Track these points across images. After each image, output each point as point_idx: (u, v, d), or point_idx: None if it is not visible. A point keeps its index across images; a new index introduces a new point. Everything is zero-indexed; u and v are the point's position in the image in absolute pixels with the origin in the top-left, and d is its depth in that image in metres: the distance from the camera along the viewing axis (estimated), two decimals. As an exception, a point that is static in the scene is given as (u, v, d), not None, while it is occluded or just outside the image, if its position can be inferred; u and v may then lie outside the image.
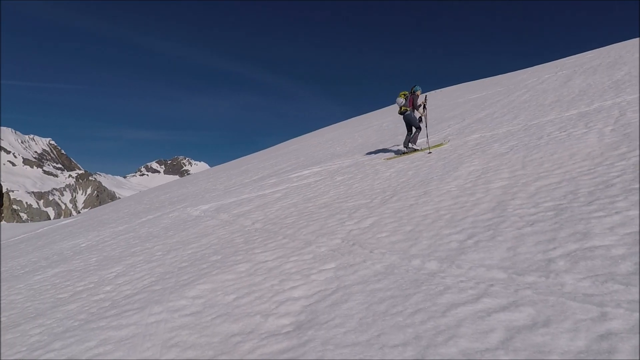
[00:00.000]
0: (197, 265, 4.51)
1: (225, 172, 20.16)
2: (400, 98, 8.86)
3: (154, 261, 5.22)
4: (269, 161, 17.23)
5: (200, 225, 6.71)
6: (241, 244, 4.89)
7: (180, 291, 3.77)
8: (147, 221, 9.29)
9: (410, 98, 8.83)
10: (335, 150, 13.38)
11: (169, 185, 26.95)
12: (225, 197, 9.51)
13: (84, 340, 3.29)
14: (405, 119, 8.91)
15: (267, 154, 24.22)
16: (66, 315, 4.09)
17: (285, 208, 6.23)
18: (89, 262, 6.43)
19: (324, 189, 6.92)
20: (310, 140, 23.70)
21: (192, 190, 15.03)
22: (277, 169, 12.91)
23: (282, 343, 2.56)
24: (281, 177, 10.03)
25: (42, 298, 5.02)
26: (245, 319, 3.00)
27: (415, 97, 8.82)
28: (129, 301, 3.95)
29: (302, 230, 4.78)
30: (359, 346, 2.27)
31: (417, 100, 8.86)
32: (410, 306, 2.55)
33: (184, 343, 2.89)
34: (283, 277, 3.56)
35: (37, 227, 30.34)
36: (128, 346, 3.02)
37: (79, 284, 5.14)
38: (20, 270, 7.68)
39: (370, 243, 3.84)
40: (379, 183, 6.32)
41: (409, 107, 8.81)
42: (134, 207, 15.65)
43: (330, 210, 5.41)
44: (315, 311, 2.84)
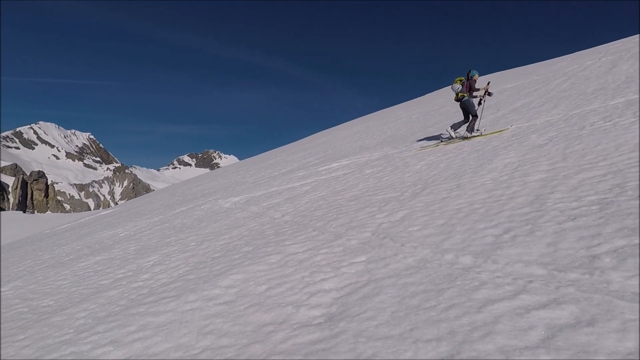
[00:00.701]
0: (229, 255, 4.61)
1: (254, 165, 20.48)
2: (457, 84, 8.52)
3: (188, 251, 5.39)
4: (297, 154, 17.33)
5: (231, 217, 6.86)
6: (271, 235, 4.96)
7: (214, 280, 3.88)
8: (180, 212, 9.60)
9: (467, 84, 8.46)
10: (364, 142, 13.27)
11: (200, 178, 27.72)
12: (254, 189, 9.67)
13: (125, 325, 3.46)
14: (462, 105, 8.57)
15: (295, 147, 24.38)
16: (108, 301, 4.31)
17: (314, 201, 6.26)
18: (128, 251, 6.73)
19: (353, 182, 6.89)
20: (338, 133, 23.63)
21: (223, 182, 15.38)
22: (305, 162, 12.97)
23: (313, 334, 2.58)
24: (309, 170, 10.07)
25: (86, 284, 5.30)
26: (277, 309, 3.05)
27: (473, 82, 8.45)
28: (166, 289, 4.11)
29: (331, 223, 4.78)
30: (392, 340, 2.25)
31: (475, 85, 8.49)
32: (444, 301, 2.50)
33: (218, 331, 2.98)
34: (313, 269, 3.59)
35: (80, 217, 32.13)
36: (166, 332, 3.15)
37: (119, 272, 5.40)
38: (66, 257, 8.15)
39: (402, 236, 3.79)
40: (409, 176, 6.22)
41: (466, 92, 8.45)
42: (167, 199, 16.21)
43: (359, 203, 5.38)
44: (346, 303, 2.84)
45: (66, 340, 3.53)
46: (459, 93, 8.54)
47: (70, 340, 3.50)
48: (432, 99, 26.49)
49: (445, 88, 35.89)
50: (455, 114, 13.86)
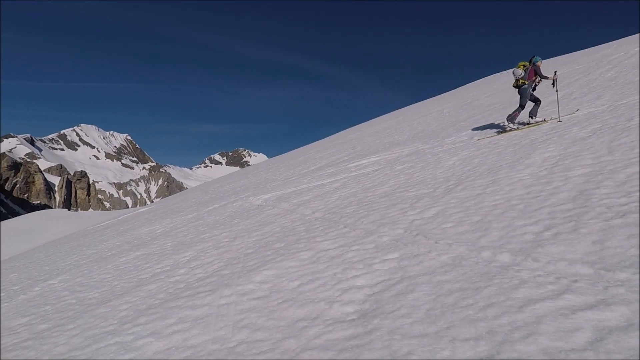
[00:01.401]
0: (261, 252, 4.69)
1: (283, 162, 20.69)
2: (519, 69, 8.06)
3: (221, 247, 5.53)
4: (326, 151, 17.35)
5: (262, 214, 6.97)
6: (303, 232, 5.00)
7: (248, 276, 3.96)
8: (213, 210, 9.86)
9: (531, 69, 8.02)
10: (394, 138, 13.09)
11: (231, 176, 28.34)
12: (285, 186, 9.77)
13: (165, 318, 3.60)
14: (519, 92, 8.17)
15: (324, 144, 24.41)
16: (148, 294, 4.50)
17: (344, 197, 6.24)
18: (165, 246, 6.99)
19: (384, 178, 6.81)
20: (367, 129, 23.44)
21: (253, 180, 15.64)
22: (334, 158, 12.96)
23: (347, 330, 2.58)
24: (339, 167, 10.06)
25: (127, 278, 5.56)
26: (310, 305, 3.07)
27: (537, 68, 8.01)
28: (202, 284, 4.23)
29: (362, 220, 4.76)
30: (428, 338, 2.21)
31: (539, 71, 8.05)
32: (482, 300, 2.43)
33: (253, 325, 3.04)
34: (345, 265, 3.58)
35: (119, 214, 33.70)
36: (203, 325, 3.25)
37: (157, 267, 5.61)
38: (108, 252, 8.58)
39: (435, 233, 3.72)
40: (441, 172, 6.08)
41: (527, 80, 8.03)
42: (200, 196, 16.69)
43: (390, 199, 5.32)
44: (379, 300, 2.82)
45: (111, 330, 3.72)
46: (520, 79, 8.06)
47: (114, 330, 3.69)
48: (464, 93, 25.72)
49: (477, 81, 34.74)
50: (489, 107, 13.39)
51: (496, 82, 25.32)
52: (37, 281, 7.62)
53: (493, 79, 30.31)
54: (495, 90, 18.82)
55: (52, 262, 10.13)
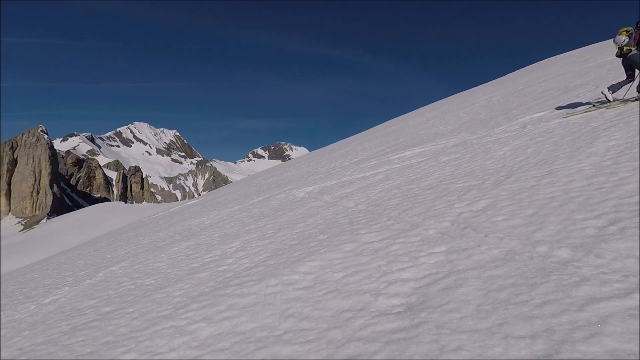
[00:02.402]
0: (305, 243, 4.76)
1: (325, 155, 20.77)
2: (621, 36, 7.23)
3: (266, 238, 5.67)
4: (368, 143, 17.17)
5: (305, 206, 7.06)
6: (346, 224, 5.00)
7: (292, 267, 4.04)
8: (257, 202, 10.13)
9: (636, 34, 7.13)
10: (438, 129, 12.67)
11: (273, 170, 28.93)
12: (327, 179, 9.81)
13: (215, 305, 3.77)
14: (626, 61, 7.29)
15: (366, 137, 24.18)
16: (199, 282, 4.73)
17: (387, 190, 6.16)
18: (213, 237, 7.30)
19: (428, 170, 6.63)
20: (410, 120, 22.88)
21: (295, 173, 15.86)
22: (376, 151, 12.80)
23: (393, 323, 2.56)
24: (381, 159, 9.92)
25: (179, 266, 5.87)
26: (355, 297, 3.07)
27: None
28: (248, 273, 4.38)
29: (407, 212, 4.67)
30: (479, 334, 2.14)
31: None
32: (538, 296, 2.30)
33: (298, 314, 3.10)
34: (390, 258, 3.54)
35: (170, 206, 35.65)
36: (251, 313, 3.36)
37: (207, 256, 5.88)
38: (161, 242, 9.11)
39: (485, 227, 3.56)
40: (491, 163, 5.80)
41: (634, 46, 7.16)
42: (245, 189, 17.21)
43: (436, 192, 5.17)
44: (426, 294, 2.77)
45: (166, 315, 3.96)
46: (625, 47, 7.18)
47: (169, 315, 3.92)
48: (514, 79, 24.28)
49: (529, 66, 32.62)
50: (544, 93, 12.54)
51: (552, 66, 23.65)
52: (100, 268, 8.27)
53: (548, 63, 28.34)
54: (550, 75, 17.59)
55: (113, 251, 10.94)
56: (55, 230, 41.14)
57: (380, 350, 2.32)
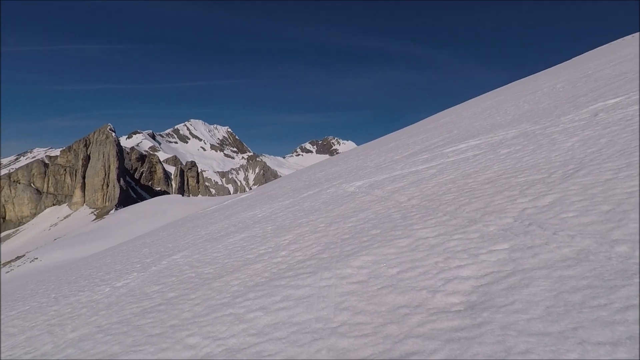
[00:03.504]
0: (358, 237, 4.75)
1: (373, 149, 20.52)
2: None
3: (318, 232, 5.74)
4: (419, 136, 16.69)
5: (356, 201, 7.03)
6: (399, 219, 4.92)
7: (346, 260, 4.05)
8: (308, 196, 10.27)
9: None
10: (495, 120, 11.98)
11: (322, 164, 29.14)
12: (377, 173, 9.69)
13: (271, 295, 3.89)
14: None
15: (416, 129, 23.51)
16: (254, 273, 4.91)
17: (442, 184, 5.95)
18: (266, 229, 7.52)
19: (486, 164, 6.30)
20: (463, 111, 21.85)
21: (344, 167, 15.84)
22: (428, 144, 12.40)
23: (453, 321, 2.48)
24: (434, 153, 9.60)
25: (235, 257, 6.13)
26: (411, 293, 3.02)
27: None
28: (302, 265, 4.46)
29: (464, 208, 4.48)
30: (549, 337, 2.01)
31: None
32: (619, 300, 2.11)
33: (353, 308, 3.11)
34: (447, 254, 3.43)
35: (223, 200, 37.29)
36: (306, 304, 3.43)
37: (261, 248, 6.08)
38: (218, 234, 9.56)
39: (553, 224, 3.33)
40: (557, 155, 5.38)
41: None
42: (295, 183, 17.51)
43: (495, 186, 4.91)
44: (488, 293, 2.65)
45: (225, 302, 4.16)
46: None
47: (228, 303, 4.11)
48: (581, 63, 22.23)
49: (598, 48, 29.70)
50: (618, 77, 11.34)
51: (626, 47, 21.33)
52: (163, 256, 8.88)
53: (622, 43, 25.62)
54: (625, 57, 15.88)
55: (174, 240, 11.68)
56: (122, 220, 44.73)
57: (440, 349, 2.26)
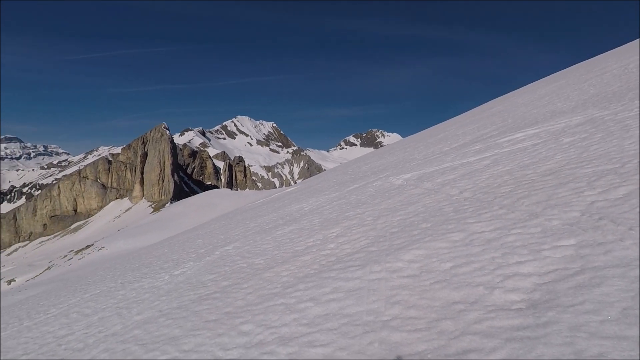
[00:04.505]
0: (407, 231, 4.65)
1: (421, 141, 19.95)
2: None
3: (366, 225, 5.69)
4: (469, 126, 15.95)
5: (404, 194, 6.88)
6: (451, 212, 4.74)
7: (396, 254, 3.98)
8: (354, 189, 10.22)
9: None
10: (556, 106, 11.13)
11: (367, 157, 28.85)
12: (425, 166, 9.42)
13: (320, 286, 3.93)
14: None
15: (466, 119, 22.50)
16: (303, 264, 4.98)
17: (497, 176, 5.64)
18: (313, 222, 7.59)
19: (547, 154, 5.88)
20: (518, 98, 20.53)
21: (391, 160, 15.56)
22: (480, 134, 11.82)
23: (514, 319, 2.35)
24: (487, 143, 9.12)
25: (284, 248, 6.26)
26: (466, 288, 2.91)
27: None
28: (351, 258, 4.46)
29: (522, 201, 4.22)
30: (627, 341, 1.84)
31: None
32: None
33: (405, 302, 3.05)
34: (505, 250, 3.26)
35: (270, 193, 38.22)
36: (356, 297, 3.43)
37: (309, 240, 6.15)
38: (266, 226, 9.82)
39: (628, 218, 3.03)
40: (632, 143, 4.89)
41: None
42: (340, 177, 17.51)
43: (558, 178, 4.56)
44: (554, 291, 2.48)
45: (276, 292, 4.26)
46: None
47: (279, 293, 4.21)
48: (659, 42, 19.93)
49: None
50: None
51: None
52: (216, 247, 9.28)
53: None
54: None
55: (225, 232, 12.18)
56: (176, 213, 47.39)
57: (500, 347, 2.16)
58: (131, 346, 4.21)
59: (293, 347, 2.97)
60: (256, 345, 3.21)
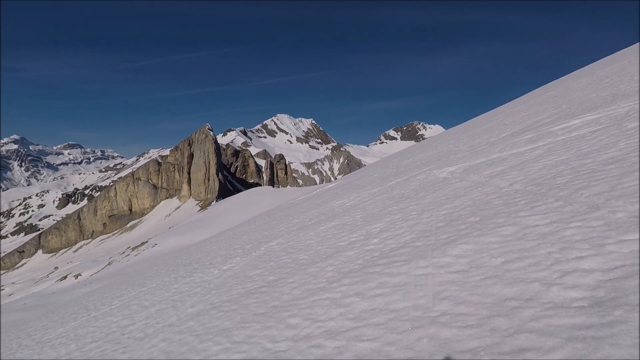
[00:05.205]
0: (454, 225, 4.51)
1: (465, 132, 19.20)
2: None
3: (410, 220, 5.59)
4: (519, 115, 15.10)
5: (449, 187, 6.67)
6: (500, 205, 4.53)
7: (442, 249, 3.88)
8: (396, 184, 10.06)
9: None
10: (618, 89, 10.24)
11: (409, 150, 28.24)
12: (471, 157, 9.06)
13: (365, 282, 3.92)
14: None
15: (514, 107, 21.32)
16: (347, 260, 4.99)
17: (551, 166, 5.31)
18: (356, 218, 7.58)
19: (608, 141, 5.44)
20: (573, 82, 19.10)
21: (433, 153, 15.13)
22: (531, 122, 11.16)
23: (575, 318, 2.22)
24: (539, 131, 8.60)
25: (328, 244, 6.31)
26: (520, 285, 2.78)
27: None
28: (395, 253, 4.40)
29: (581, 192, 3.94)
30: None
31: None
32: None
33: (454, 298, 2.97)
34: (563, 244, 3.06)
35: (311, 190, 38.55)
36: (402, 292, 3.38)
37: (352, 235, 6.15)
38: (309, 222, 9.94)
39: None
40: None
41: None
42: (381, 171, 17.30)
43: (623, 166, 4.21)
44: (620, 289, 2.30)
45: (321, 287, 4.31)
46: None
47: (324, 287, 4.26)
48: None
49: None
50: None
51: None
52: (261, 243, 9.54)
53: None
54: None
55: (269, 229, 12.47)
56: (222, 210, 49.19)
57: (560, 347, 2.04)
58: (186, 336, 4.45)
59: (340, 341, 2.99)
60: (304, 338, 3.27)
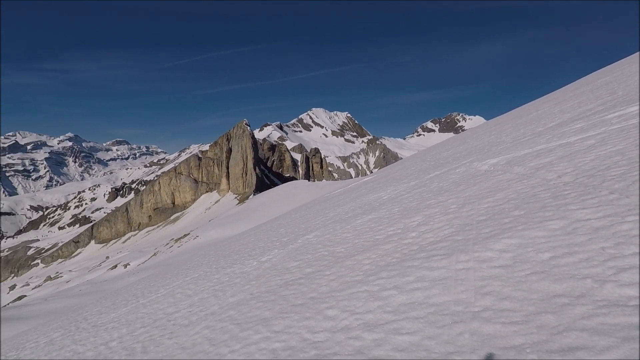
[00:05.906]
0: (497, 219, 4.35)
1: (508, 122, 18.33)
2: None
3: (450, 213, 5.45)
4: (567, 103, 14.19)
5: (492, 180, 6.42)
6: (548, 199, 4.31)
7: (484, 243, 3.76)
8: (435, 177, 9.82)
9: None
10: (682, 73, 9.35)
11: (447, 142, 27.40)
12: (515, 149, 8.65)
13: (403, 275, 3.89)
14: None
15: (562, 96, 20.05)
16: (385, 253, 4.96)
17: (605, 157, 4.96)
18: (393, 211, 7.49)
19: (670, 129, 5.00)
20: (631, 67, 17.65)
21: (474, 144, 14.59)
22: (581, 110, 10.46)
23: (631, 317, 2.09)
24: (591, 120, 8.05)
25: (365, 237, 6.29)
26: (570, 281, 2.65)
27: None
28: (434, 247, 4.32)
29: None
30: None
31: None
32: None
33: (497, 293, 2.88)
34: (619, 239, 2.88)
35: (347, 183, 38.49)
36: (442, 286, 3.33)
37: (389, 229, 6.09)
38: (345, 215, 9.94)
39: None
40: None
41: None
42: (419, 164, 16.93)
43: (688, 155, 3.87)
44: (684, 287, 2.13)
45: (359, 280, 4.32)
46: None
47: (362, 280, 4.27)
48: None
49: None
50: None
51: None
52: (298, 235, 9.68)
53: None
54: None
55: (305, 222, 12.62)
56: (259, 204, 50.28)
57: (616, 347, 1.94)
58: (228, 325, 4.63)
59: (379, 334, 3.00)
60: (342, 330, 3.31)
